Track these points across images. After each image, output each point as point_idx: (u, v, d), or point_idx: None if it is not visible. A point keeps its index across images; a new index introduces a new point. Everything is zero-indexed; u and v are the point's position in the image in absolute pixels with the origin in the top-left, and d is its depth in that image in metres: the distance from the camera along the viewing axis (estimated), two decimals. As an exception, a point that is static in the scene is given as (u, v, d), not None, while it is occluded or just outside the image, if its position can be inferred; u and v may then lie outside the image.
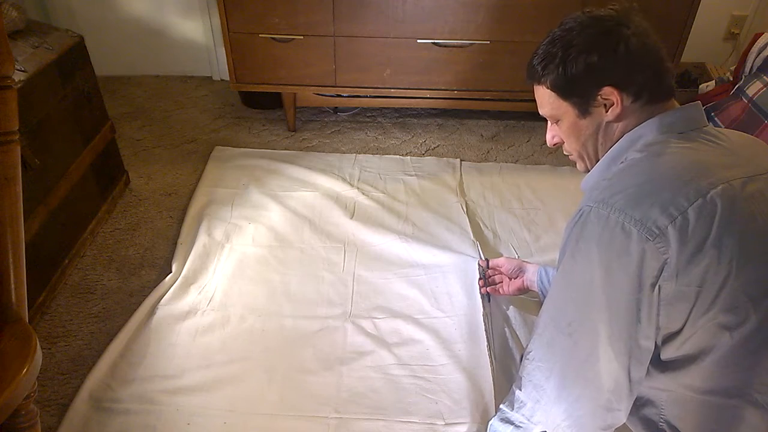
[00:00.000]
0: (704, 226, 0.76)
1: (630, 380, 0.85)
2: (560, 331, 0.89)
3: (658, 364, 0.87)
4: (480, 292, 1.52)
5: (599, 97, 0.89)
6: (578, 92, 0.90)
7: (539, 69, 0.92)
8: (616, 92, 0.87)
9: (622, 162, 0.90)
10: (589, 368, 0.86)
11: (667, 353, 0.85)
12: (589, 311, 0.84)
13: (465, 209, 1.88)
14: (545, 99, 0.95)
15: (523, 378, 0.99)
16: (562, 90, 0.91)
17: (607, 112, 0.90)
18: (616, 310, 0.82)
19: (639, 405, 0.93)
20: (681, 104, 0.92)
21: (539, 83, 0.95)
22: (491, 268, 1.55)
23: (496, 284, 1.52)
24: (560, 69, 0.89)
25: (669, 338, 0.84)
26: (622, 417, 0.89)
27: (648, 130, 0.88)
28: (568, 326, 0.87)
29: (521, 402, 0.99)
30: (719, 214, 0.76)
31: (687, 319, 0.80)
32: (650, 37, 0.87)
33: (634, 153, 0.88)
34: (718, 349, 0.81)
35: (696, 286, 0.78)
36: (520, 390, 0.99)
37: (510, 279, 1.49)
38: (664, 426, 0.90)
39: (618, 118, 0.90)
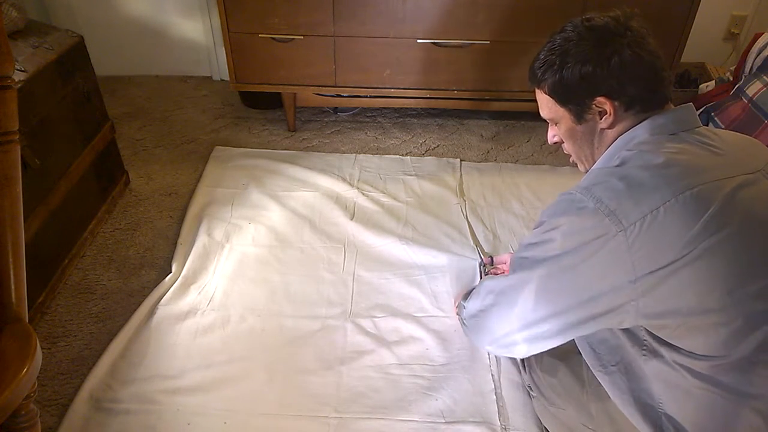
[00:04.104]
0: (674, 224, 0.79)
1: (537, 323, 0.92)
2: (510, 265, 1.02)
3: (662, 343, 0.88)
4: None
5: (593, 105, 0.93)
6: (574, 100, 0.94)
7: (539, 74, 0.97)
8: (608, 102, 0.91)
9: (617, 158, 0.92)
10: (511, 294, 0.96)
11: (664, 338, 0.87)
12: (538, 258, 0.91)
13: (465, 212, 1.88)
14: (544, 103, 1.01)
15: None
16: (559, 96, 0.96)
17: (600, 119, 0.94)
18: (557, 272, 0.88)
19: (639, 397, 0.94)
20: (677, 105, 0.94)
21: (539, 87, 0.99)
22: (495, 265, 1.55)
23: None
24: (557, 76, 0.93)
25: (659, 328, 0.86)
26: (517, 352, 1.01)
27: (641, 132, 0.92)
28: (517, 262, 0.97)
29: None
30: (692, 214, 0.79)
31: (663, 313, 0.83)
32: (646, 48, 0.90)
33: (626, 152, 0.91)
34: (709, 343, 0.82)
35: (663, 284, 0.80)
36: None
37: None
38: (664, 419, 0.91)
39: (611, 126, 0.94)
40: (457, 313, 1.18)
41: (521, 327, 0.95)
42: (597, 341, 0.99)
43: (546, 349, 0.99)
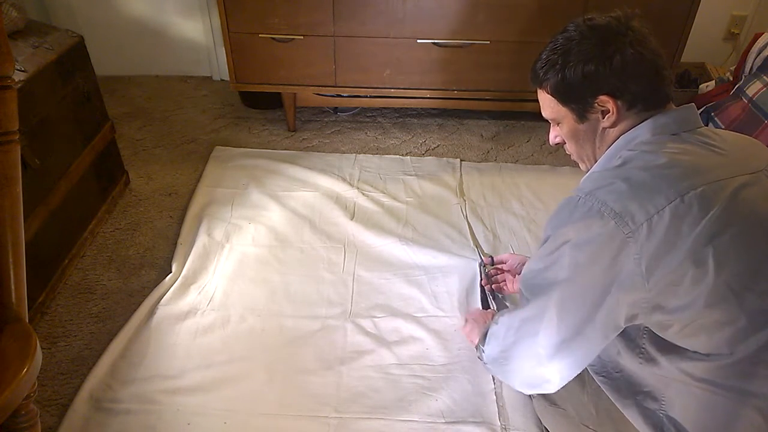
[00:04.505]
0: (679, 225, 0.79)
1: (563, 348, 0.89)
2: (522, 292, 0.98)
3: (661, 348, 0.88)
4: (486, 290, 1.52)
5: (596, 104, 0.93)
6: (576, 99, 0.94)
7: (541, 74, 0.96)
8: (611, 100, 0.91)
9: (618, 158, 0.92)
10: (531, 326, 0.93)
11: (668, 339, 0.87)
12: (552, 281, 0.89)
13: (465, 212, 1.88)
14: (546, 103, 1.00)
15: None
16: (561, 96, 0.95)
17: (603, 118, 0.94)
18: (575, 290, 0.86)
19: (640, 399, 0.94)
20: (678, 105, 0.93)
21: (541, 87, 0.99)
22: (495, 265, 1.55)
23: (500, 283, 1.52)
24: (559, 76, 0.93)
25: (665, 326, 0.86)
26: (549, 387, 0.95)
27: (643, 132, 0.91)
28: (530, 290, 0.94)
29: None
30: (696, 214, 0.79)
31: (671, 312, 0.82)
32: (648, 46, 0.90)
33: (627, 152, 0.91)
34: (713, 343, 0.82)
35: (672, 284, 0.80)
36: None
37: (514, 276, 1.49)
38: (665, 420, 0.91)
39: (613, 124, 0.94)
40: (479, 357, 1.15)
41: (549, 356, 0.92)
42: None
43: (575, 376, 0.94)
